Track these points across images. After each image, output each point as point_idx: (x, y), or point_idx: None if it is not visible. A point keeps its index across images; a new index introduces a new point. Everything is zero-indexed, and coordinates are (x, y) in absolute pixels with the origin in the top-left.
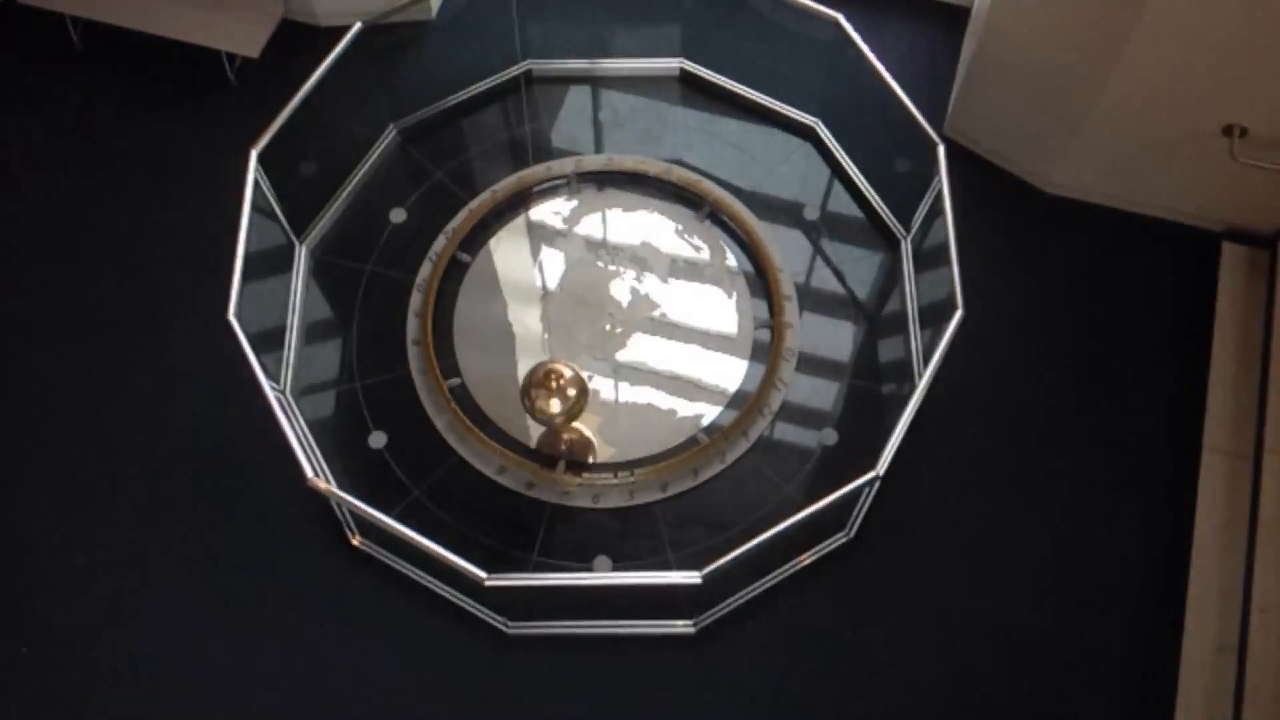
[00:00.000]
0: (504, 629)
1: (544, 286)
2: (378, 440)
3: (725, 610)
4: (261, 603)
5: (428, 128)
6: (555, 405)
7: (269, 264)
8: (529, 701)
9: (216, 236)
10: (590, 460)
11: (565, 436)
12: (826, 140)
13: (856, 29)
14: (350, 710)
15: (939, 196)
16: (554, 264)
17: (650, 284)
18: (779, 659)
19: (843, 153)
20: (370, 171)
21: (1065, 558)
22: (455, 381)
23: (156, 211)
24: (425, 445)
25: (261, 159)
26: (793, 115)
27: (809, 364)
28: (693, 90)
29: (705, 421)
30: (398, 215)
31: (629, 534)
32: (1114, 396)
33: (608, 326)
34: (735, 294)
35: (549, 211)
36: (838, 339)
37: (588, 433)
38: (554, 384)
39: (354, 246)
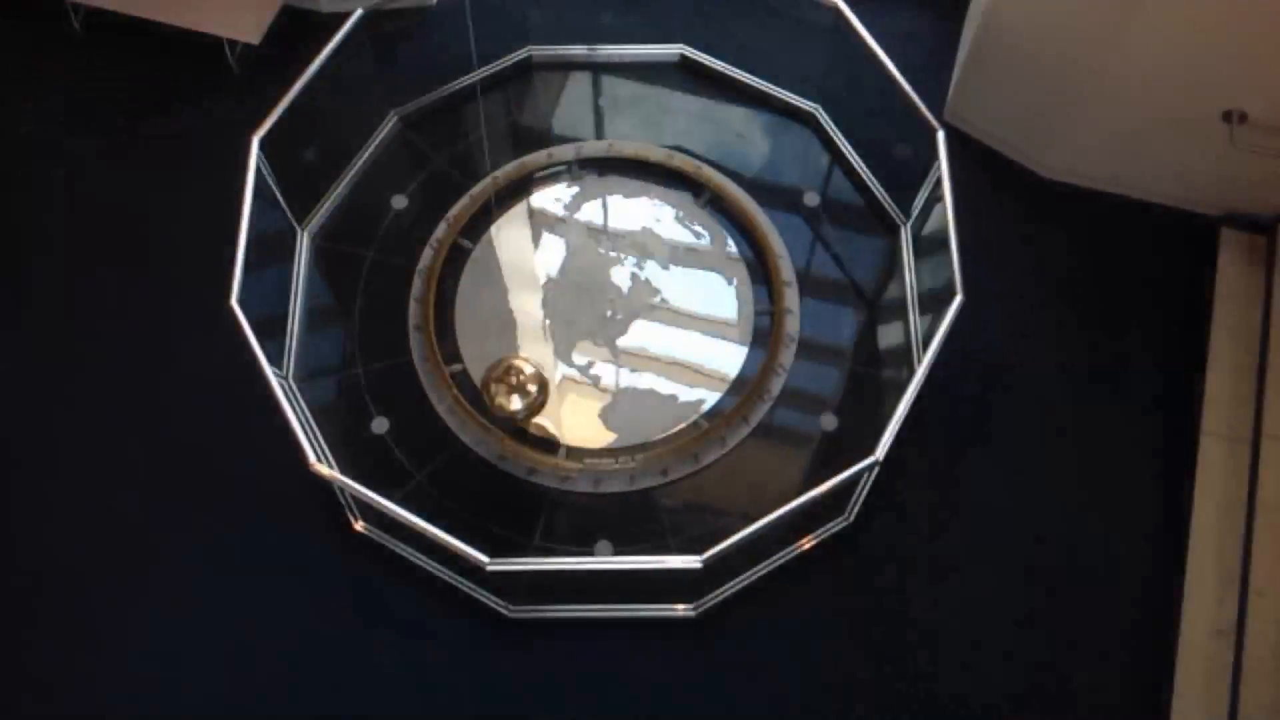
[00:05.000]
0: (505, 613)
1: (545, 273)
2: (380, 426)
3: (726, 594)
4: (263, 587)
5: (429, 114)
6: (516, 402)
7: (271, 250)
8: (530, 685)
9: (218, 223)
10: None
11: (532, 428)
12: (826, 126)
13: (856, 15)
14: (352, 694)
15: (939, 182)
16: (555, 250)
17: (651, 270)
18: (779, 643)
19: (843, 139)
20: (372, 158)
21: (1063, 542)
22: (457, 367)
23: (158, 198)
24: (427, 431)
25: (263, 145)
26: (793, 101)
27: (809, 349)
28: (693, 76)
29: (706, 407)
30: (399, 202)
31: (630, 518)
32: (1112, 381)
33: (608, 312)
34: (735, 280)
35: (550, 198)
36: (838, 324)
37: (549, 427)
38: (514, 380)
39: (356, 233)
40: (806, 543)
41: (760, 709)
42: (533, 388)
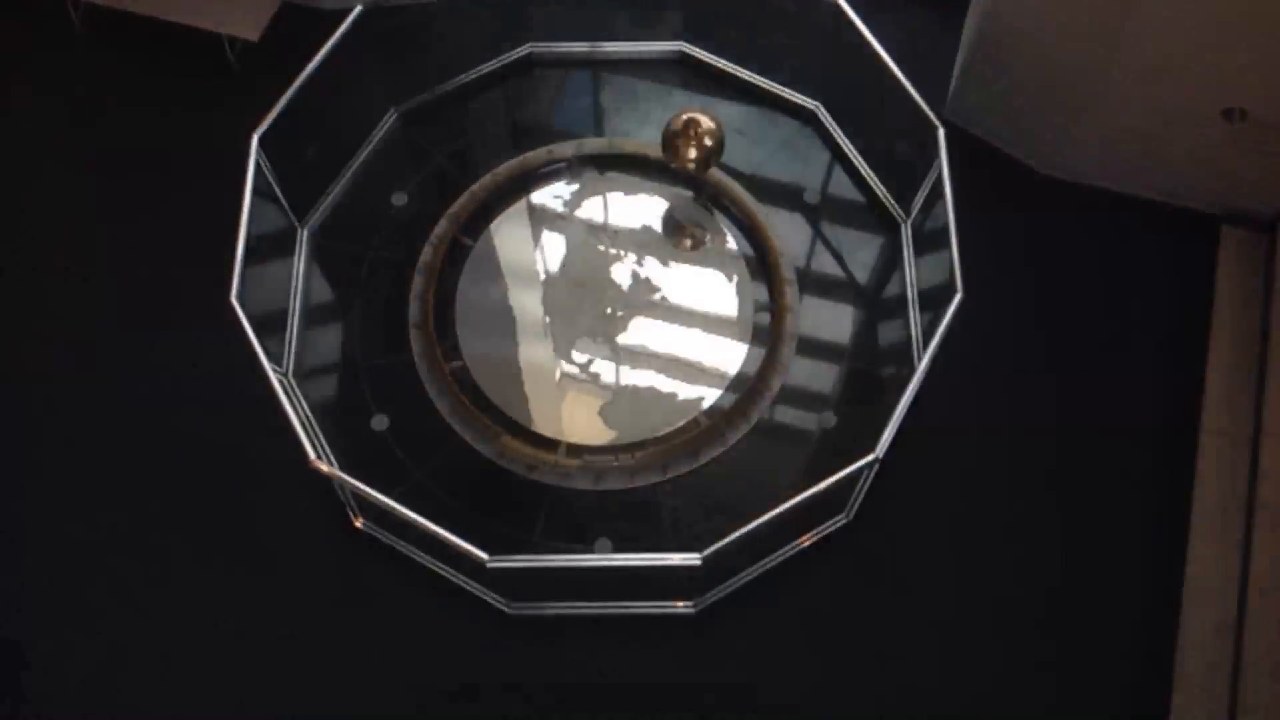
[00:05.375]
0: (505, 609)
1: (545, 270)
2: (380, 423)
3: (725, 591)
4: (264, 583)
5: (429, 111)
6: (693, 152)
7: (271, 247)
8: (530, 681)
9: (218, 220)
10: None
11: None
12: (827, 124)
13: (857, 12)
14: (353, 690)
15: (939, 180)
16: (555, 247)
17: (651, 267)
18: (778, 639)
19: (843, 136)
20: (372, 155)
21: (1063, 539)
22: (457, 364)
23: (158, 195)
24: (427, 428)
25: (263, 142)
26: (793, 99)
27: (809, 347)
28: (693, 73)
29: (706, 404)
30: (399, 198)
31: (630, 516)
32: (1112, 379)
33: (609, 310)
34: (736, 277)
35: (550, 195)
36: (837, 322)
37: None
38: (693, 131)
39: (356, 230)
40: (806, 540)
41: (760, 705)
42: (709, 141)
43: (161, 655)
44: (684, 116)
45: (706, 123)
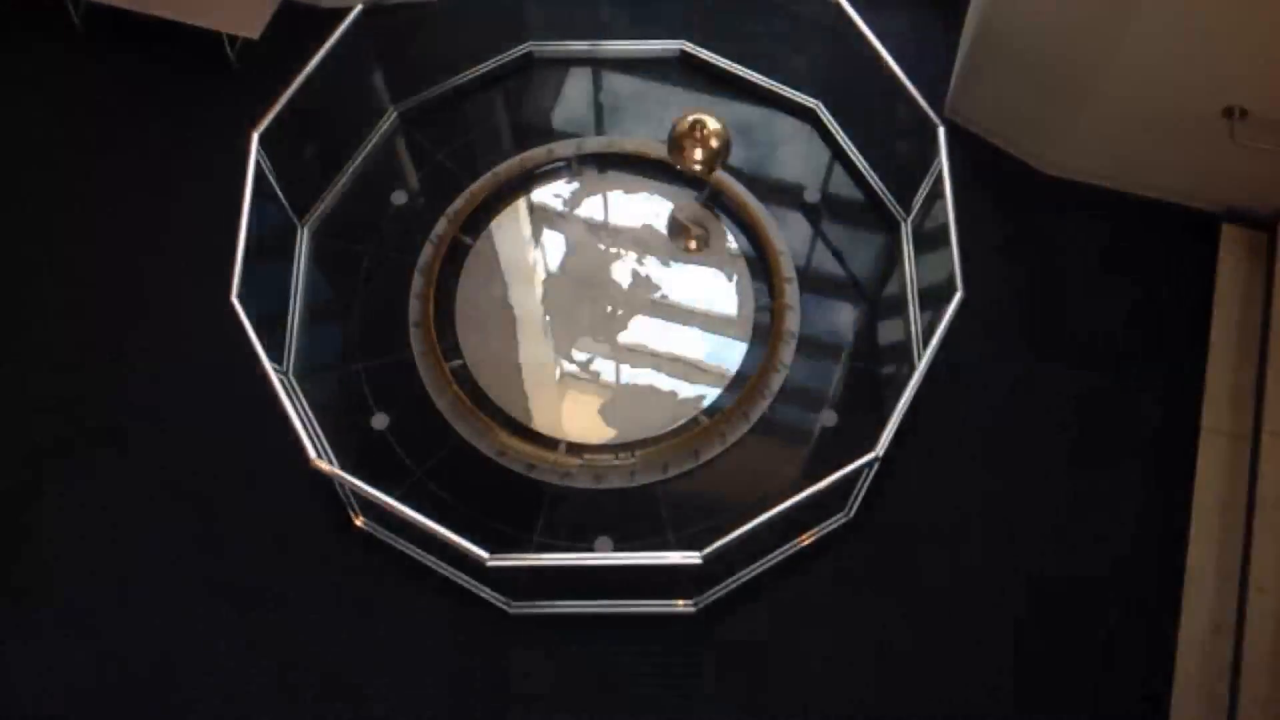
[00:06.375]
0: (506, 608)
1: (545, 269)
2: (380, 422)
3: (725, 590)
4: (264, 583)
5: (429, 110)
6: (699, 154)
7: (271, 246)
8: (531, 680)
9: (218, 218)
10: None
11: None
12: (827, 122)
13: (857, 10)
14: (353, 690)
15: (939, 179)
16: (555, 246)
17: (651, 266)
18: (779, 639)
19: (843, 135)
20: (371, 154)
21: (1063, 539)
22: (457, 363)
23: (157, 193)
24: (427, 427)
25: (263, 141)
26: (794, 97)
27: (809, 346)
28: (694, 72)
29: (706, 403)
30: (399, 197)
31: (630, 514)
32: (1112, 378)
33: (609, 309)
34: (736, 276)
35: (550, 194)
36: (838, 321)
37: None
38: (699, 133)
39: (355, 229)
40: (806, 539)
41: (761, 704)
42: (715, 143)
43: (159, 655)
44: (689, 118)
45: (713, 124)
